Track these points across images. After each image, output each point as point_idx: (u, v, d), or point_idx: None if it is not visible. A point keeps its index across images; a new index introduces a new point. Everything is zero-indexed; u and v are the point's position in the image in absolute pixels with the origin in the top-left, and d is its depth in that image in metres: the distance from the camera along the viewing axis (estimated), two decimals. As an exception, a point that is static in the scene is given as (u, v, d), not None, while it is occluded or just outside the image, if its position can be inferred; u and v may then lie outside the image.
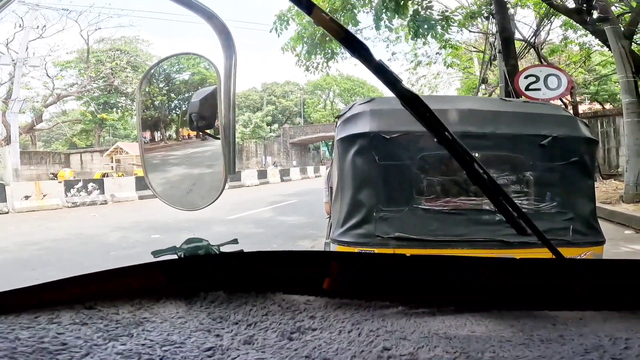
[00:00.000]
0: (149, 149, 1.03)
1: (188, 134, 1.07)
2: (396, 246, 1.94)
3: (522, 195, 2.00)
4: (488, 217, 1.97)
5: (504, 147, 2.00)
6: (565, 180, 1.99)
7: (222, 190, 0.86)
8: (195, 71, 1.17)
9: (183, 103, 1.14)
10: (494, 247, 1.92)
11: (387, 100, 2.32)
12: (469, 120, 2.00)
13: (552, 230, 1.96)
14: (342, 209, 2.05)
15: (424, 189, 2.01)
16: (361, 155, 1.99)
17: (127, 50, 29.88)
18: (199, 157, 1.10)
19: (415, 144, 1.96)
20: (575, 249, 1.94)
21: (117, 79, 28.30)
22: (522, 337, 0.43)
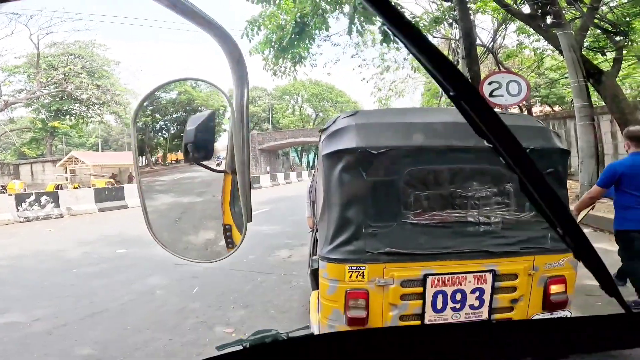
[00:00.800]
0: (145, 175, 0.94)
1: (176, 159, 0.98)
2: (387, 261, 1.96)
3: (504, 207, 2.06)
4: (472, 229, 2.03)
5: (485, 160, 2.02)
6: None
7: (243, 238, 0.78)
8: (181, 90, 1.07)
9: (171, 125, 1.04)
10: (479, 258, 1.99)
11: (371, 113, 2.31)
12: (452, 134, 2.02)
13: (532, 239, 2.04)
14: (330, 226, 2.02)
15: (412, 204, 2.02)
16: (348, 171, 1.98)
17: (82, 55, 28.43)
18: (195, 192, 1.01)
19: (402, 159, 1.98)
20: (554, 256, 2.05)
21: (70, 85, 26.79)
22: None
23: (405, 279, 1.97)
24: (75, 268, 5.78)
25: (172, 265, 5.56)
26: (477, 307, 2.03)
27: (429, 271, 1.97)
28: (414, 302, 2.00)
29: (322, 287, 2.08)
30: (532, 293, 2.07)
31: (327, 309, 2.07)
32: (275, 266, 5.41)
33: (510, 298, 2.05)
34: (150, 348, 3.05)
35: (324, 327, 2.11)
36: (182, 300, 4.15)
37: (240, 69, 0.68)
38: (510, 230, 2.05)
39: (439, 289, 1.99)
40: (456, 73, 0.40)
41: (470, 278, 1.99)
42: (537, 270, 2.05)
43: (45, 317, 3.80)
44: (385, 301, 1.99)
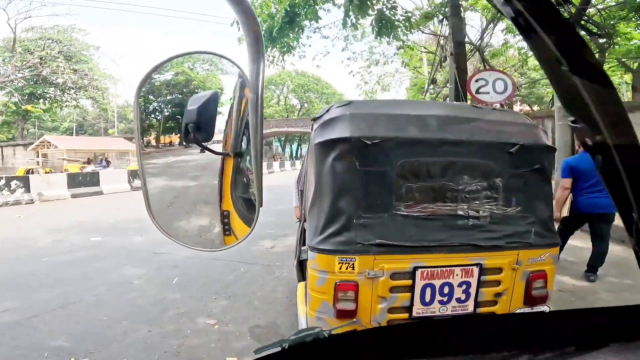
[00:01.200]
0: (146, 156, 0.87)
1: (170, 141, 0.90)
2: (377, 253, 1.94)
3: (492, 201, 2.08)
4: (462, 222, 2.04)
5: (477, 154, 2.06)
6: (528, 186, 2.11)
7: (255, 223, 0.75)
8: (178, 70, 0.99)
9: (166, 107, 0.98)
10: (468, 251, 2.01)
11: (366, 103, 2.28)
12: (446, 128, 2.05)
13: (517, 234, 2.08)
14: (321, 216, 2.00)
15: (403, 195, 2.01)
16: (341, 160, 1.96)
17: (60, 39, 27.39)
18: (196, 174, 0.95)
19: (395, 150, 1.97)
20: (536, 251, 2.09)
21: (46, 69, 25.89)
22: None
23: (395, 271, 1.97)
24: (46, 256, 5.51)
25: (150, 254, 5.40)
26: (463, 301, 2.05)
27: (419, 264, 1.97)
28: (403, 294, 2.00)
29: (311, 279, 2.05)
30: (515, 287, 2.11)
31: (315, 301, 2.04)
32: (259, 256, 5.33)
33: (495, 292, 2.08)
34: (128, 340, 2.93)
35: (312, 320, 2.08)
36: (162, 291, 4.02)
37: (257, 44, 0.64)
38: (497, 225, 2.07)
39: (428, 282, 2.00)
40: (576, 42, 0.37)
41: (458, 271, 2.01)
42: (521, 265, 2.08)
43: (15, 308, 3.60)
44: (375, 293, 1.98)
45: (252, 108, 0.66)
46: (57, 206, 11.37)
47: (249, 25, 0.62)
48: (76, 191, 13.39)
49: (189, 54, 0.85)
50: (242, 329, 3.09)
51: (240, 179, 0.81)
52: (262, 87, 0.67)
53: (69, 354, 2.74)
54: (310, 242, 2.05)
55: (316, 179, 2.06)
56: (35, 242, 6.50)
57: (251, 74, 0.66)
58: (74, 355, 2.73)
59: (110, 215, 8.68)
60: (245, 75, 0.67)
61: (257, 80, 0.66)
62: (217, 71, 1.37)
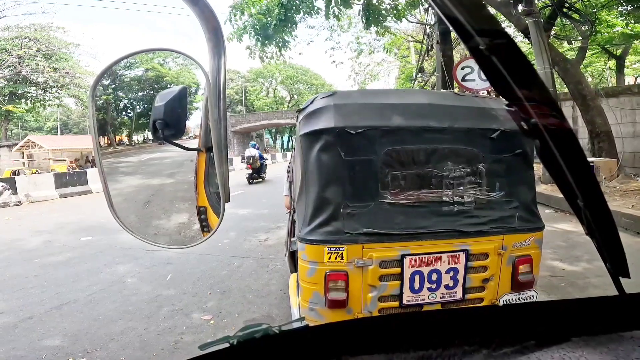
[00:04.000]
0: (104, 155, 0.84)
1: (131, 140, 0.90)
2: (365, 242, 1.95)
3: (476, 187, 2.08)
4: (447, 209, 2.05)
5: (460, 141, 2.05)
6: (511, 171, 2.11)
7: (220, 220, 0.73)
8: (148, 67, 0.98)
9: (137, 103, 0.97)
10: (453, 237, 2.01)
11: (349, 93, 2.28)
12: (429, 115, 2.05)
13: (501, 219, 2.08)
14: (309, 207, 2.00)
15: (389, 183, 2.01)
16: (326, 151, 1.96)
17: (38, 37, 26.53)
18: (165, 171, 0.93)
19: (380, 139, 1.96)
20: (521, 235, 2.09)
21: (25, 68, 25.12)
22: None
23: (383, 260, 1.98)
24: (37, 258, 5.47)
25: (142, 252, 5.39)
26: (451, 287, 2.06)
27: (406, 251, 1.98)
28: (392, 282, 2.00)
29: (302, 270, 2.05)
30: (502, 273, 2.11)
31: (307, 292, 2.05)
32: (252, 250, 5.37)
33: (482, 278, 2.09)
34: (125, 338, 2.96)
35: (305, 310, 2.09)
36: (155, 288, 4.04)
37: (217, 40, 0.63)
38: (481, 210, 2.08)
39: (416, 270, 2.00)
40: (490, 22, 0.37)
41: (445, 258, 2.01)
42: (506, 250, 2.09)
43: (9, 310, 3.60)
44: (365, 282, 1.99)
45: (213, 104, 0.65)
46: (46, 207, 11.20)
47: (208, 21, 0.61)
48: (64, 191, 13.20)
49: (146, 51, 0.83)
50: (238, 323, 3.15)
51: (213, 174, 0.77)
52: (224, 82, 0.66)
53: (67, 354, 2.77)
54: (299, 234, 2.05)
55: (303, 169, 2.06)
56: (25, 243, 6.44)
57: (212, 70, 0.65)
58: (72, 355, 2.75)
59: (100, 215, 8.60)
60: (206, 71, 0.66)
61: (218, 75, 0.65)
62: (191, 66, 1.32)
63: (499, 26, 0.38)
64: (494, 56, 0.39)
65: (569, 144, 0.43)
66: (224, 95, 0.66)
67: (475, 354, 0.49)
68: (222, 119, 0.66)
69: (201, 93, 0.81)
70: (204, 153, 0.79)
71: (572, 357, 0.47)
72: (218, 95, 0.66)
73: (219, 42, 0.63)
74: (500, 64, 0.39)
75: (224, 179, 0.69)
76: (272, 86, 48.65)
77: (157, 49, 0.88)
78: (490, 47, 0.38)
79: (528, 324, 0.54)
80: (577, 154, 0.44)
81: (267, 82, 47.95)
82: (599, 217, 0.49)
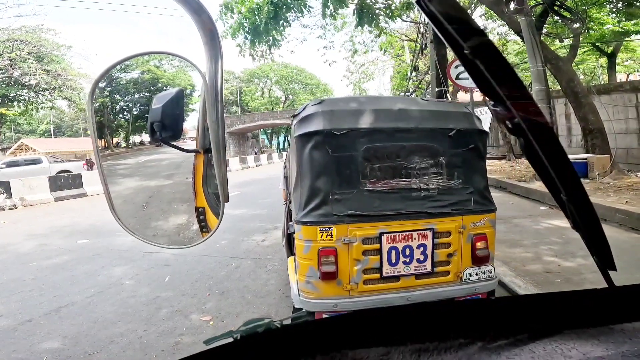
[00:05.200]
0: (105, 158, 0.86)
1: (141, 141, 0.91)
2: (350, 222, 2.34)
3: (439, 176, 2.49)
4: (416, 194, 2.45)
5: (424, 139, 2.49)
6: (466, 162, 2.53)
7: (220, 220, 0.75)
8: (144, 70, 1.00)
9: (134, 106, 0.97)
10: (422, 218, 2.41)
11: (335, 101, 2.69)
12: (399, 118, 2.49)
13: (460, 202, 2.47)
14: (303, 195, 2.38)
15: (368, 174, 2.40)
16: (317, 149, 2.35)
17: (29, 40, 26.24)
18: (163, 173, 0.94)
19: (359, 138, 2.38)
20: (476, 216, 2.51)
21: (17, 71, 24.87)
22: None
23: (365, 237, 2.35)
24: (34, 261, 5.45)
25: (140, 254, 5.39)
26: (422, 261, 2.44)
27: (384, 230, 2.36)
28: (373, 257, 2.38)
29: (299, 248, 2.42)
30: (463, 249, 2.51)
31: (304, 267, 2.40)
32: (250, 251, 5.38)
33: (447, 253, 2.47)
34: (124, 340, 2.97)
35: (302, 284, 2.45)
36: (154, 290, 4.05)
37: (214, 43, 0.64)
38: (443, 195, 2.48)
39: (392, 245, 2.39)
40: (473, 29, 0.39)
41: (415, 235, 2.41)
42: (465, 229, 2.48)
43: (8, 314, 3.60)
44: (350, 257, 2.36)
45: (211, 105, 0.66)
46: (41, 210, 11.13)
47: (204, 24, 0.61)
48: (59, 194, 13.12)
49: (142, 54, 0.83)
50: (237, 323, 3.16)
51: (212, 175, 0.78)
52: (222, 84, 0.67)
53: (67, 357, 2.78)
54: (296, 217, 2.42)
55: (297, 164, 2.45)
56: (21, 247, 6.41)
57: (209, 73, 0.65)
58: (72, 357, 2.76)
59: (96, 217, 8.57)
60: (203, 73, 0.67)
61: (215, 78, 0.66)
62: (187, 68, 1.35)
63: (482, 32, 0.41)
64: (477, 59, 0.41)
65: (548, 140, 0.45)
66: (221, 97, 0.67)
67: (471, 346, 0.50)
68: (220, 121, 0.67)
69: (197, 95, 0.81)
70: (201, 154, 0.80)
71: (564, 349, 0.47)
72: (215, 97, 0.66)
73: (215, 45, 0.64)
74: (483, 66, 0.41)
75: (223, 180, 0.70)
76: (267, 86, 48.58)
77: (155, 52, 0.86)
78: (473, 51, 0.41)
79: (521, 316, 0.56)
80: (556, 149, 0.46)
81: (262, 82, 47.86)
82: (582, 211, 0.50)
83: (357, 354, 0.51)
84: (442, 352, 0.50)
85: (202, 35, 0.63)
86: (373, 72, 22.57)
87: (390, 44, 16.78)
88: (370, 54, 19.07)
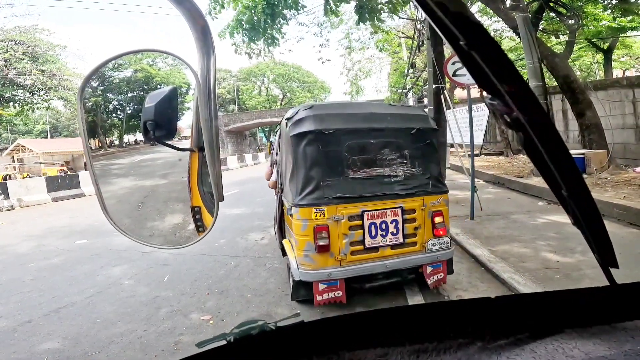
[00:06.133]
0: (95, 158, 0.84)
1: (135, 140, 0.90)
2: (338, 203, 2.92)
3: (404, 165, 3.12)
4: (387, 180, 3.07)
5: (392, 136, 3.11)
6: (424, 154, 3.19)
7: (215, 219, 0.74)
8: (137, 68, 0.99)
9: (127, 105, 0.96)
10: (393, 198, 3.03)
11: (323, 106, 3.24)
12: (373, 120, 3.13)
13: (421, 185, 3.13)
14: (299, 183, 2.95)
15: (350, 165, 3.01)
16: (310, 145, 2.94)
17: (24, 40, 26.05)
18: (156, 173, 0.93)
19: (343, 136, 2.98)
20: (433, 196, 3.16)
21: (12, 71, 24.72)
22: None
23: (350, 215, 2.94)
24: (33, 262, 5.43)
25: (139, 253, 5.38)
26: (395, 234, 3.05)
27: (365, 209, 2.97)
28: (357, 231, 2.97)
29: (297, 227, 2.97)
30: (425, 223, 3.14)
31: (302, 243, 2.94)
32: (248, 249, 5.38)
33: (414, 226, 3.11)
34: (124, 340, 2.96)
35: (301, 258, 2.96)
36: (153, 290, 4.05)
37: (206, 39, 0.63)
38: (408, 180, 3.12)
39: (372, 221, 2.99)
40: (469, 21, 0.38)
41: (389, 212, 3.02)
42: (426, 207, 3.13)
43: (7, 314, 3.59)
44: (340, 232, 2.94)
45: (204, 103, 0.66)
46: (39, 211, 11.08)
47: (195, 21, 0.60)
48: (56, 195, 13.07)
49: (134, 52, 0.81)
50: (237, 322, 3.09)
51: (207, 173, 0.77)
52: (215, 82, 0.66)
53: (68, 357, 2.77)
54: (293, 201, 2.96)
55: (293, 159, 3.00)
56: (20, 248, 6.39)
57: (201, 70, 0.65)
58: (72, 358, 2.76)
59: (94, 218, 8.54)
60: (195, 71, 0.66)
61: (208, 75, 0.65)
62: (181, 67, 1.36)
63: (478, 23, 0.40)
64: (473, 51, 0.40)
65: (549, 135, 0.44)
66: (214, 94, 0.66)
67: (470, 346, 0.49)
68: (213, 119, 0.66)
69: (192, 93, 0.80)
70: (196, 153, 0.79)
71: (566, 349, 0.47)
72: (208, 95, 0.66)
73: (207, 42, 0.63)
74: (480, 58, 0.40)
75: (217, 179, 0.69)
76: (264, 85, 48.44)
77: (145, 50, 0.84)
78: (469, 42, 0.39)
79: (521, 315, 0.55)
80: (557, 144, 0.45)
81: (259, 80, 47.72)
82: (584, 207, 0.50)
83: (354, 355, 0.50)
84: (441, 352, 0.49)
85: (194, 31, 0.62)
86: (370, 70, 22.53)
87: (387, 41, 16.74)
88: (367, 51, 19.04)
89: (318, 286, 2.96)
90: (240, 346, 0.54)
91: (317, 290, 2.97)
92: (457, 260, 4.28)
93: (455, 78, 7.08)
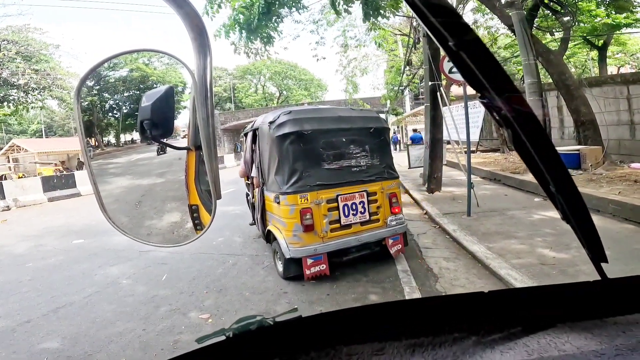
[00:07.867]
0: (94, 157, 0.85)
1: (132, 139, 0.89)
2: (318, 189, 3.62)
3: (366, 157, 3.89)
4: (355, 170, 3.83)
5: (356, 134, 3.89)
6: (380, 148, 4.02)
7: (212, 217, 0.75)
8: (133, 67, 0.98)
9: (124, 104, 0.96)
10: (359, 184, 3.82)
11: (300, 111, 3.88)
12: (340, 121, 3.89)
13: (379, 173, 3.95)
14: (285, 174, 3.63)
15: (325, 158, 3.72)
16: (292, 144, 3.63)
17: (16, 39, 25.78)
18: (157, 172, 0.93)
19: (318, 136, 3.69)
20: (389, 181, 4.00)
21: (5, 71, 24.49)
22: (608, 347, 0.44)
23: (328, 199, 3.67)
24: (30, 262, 5.42)
25: (136, 252, 5.38)
26: (363, 213, 3.84)
27: (339, 193, 3.72)
28: (334, 212, 3.71)
29: (285, 212, 3.62)
30: (384, 204, 3.96)
31: (290, 225, 3.61)
32: (246, 247, 5.38)
33: (376, 206, 3.92)
34: (124, 339, 2.97)
35: (290, 238, 3.62)
36: (151, 289, 4.05)
37: (202, 38, 0.63)
38: (369, 169, 3.90)
39: (345, 203, 3.75)
40: (459, 22, 0.40)
41: (357, 195, 3.82)
42: (384, 190, 3.96)
43: (6, 315, 3.59)
44: (320, 213, 3.64)
45: (200, 102, 0.66)
46: (35, 211, 11.02)
47: (191, 20, 0.61)
48: (52, 194, 13.00)
49: (130, 52, 0.82)
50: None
51: (204, 172, 0.77)
52: (211, 80, 0.67)
53: (67, 357, 2.77)
54: (280, 190, 3.63)
55: (278, 155, 3.66)
56: (17, 248, 6.36)
57: (198, 69, 0.65)
58: (72, 358, 2.76)
59: (91, 217, 8.51)
60: (192, 70, 0.66)
61: (204, 74, 0.65)
62: (177, 66, 1.37)
63: (466, 25, 0.41)
64: (461, 51, 0.41)
65: (535, 132, 0.45)
66: (211, 93, 0.67)
67: (465, 340, 0.50)
68: (210, 117, 0.67)
69: (188, 92, 0.80)
70: (193, 151, 0.80)
71: (558, 343, 0.48)
72: (205, 94, 0.66)
73: (203, 41, 0.63)
74: (468, 58, 0.42)
75: (215, 177, 0.70)
76: (261, 83, 48.29)
77: (142, 50, 0.85)
78: (458, 43, 0.41)
79: (514, 309, 0.56)
80: (543, 141, 0.46)
81: (256, 78, 47.56)
82: (571, 203, 0.51)
83: (351, 349, 0.51)
84: (437, 346, 0.50)
85: (190, 31, 0.62)
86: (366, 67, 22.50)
87: (384, 37, 16.73)
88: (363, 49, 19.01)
89: (306, 261, 3.61)
90: (239, 341, 0.54)
91: (305, 265, 3.62)
92: (455, 257, 4.31)
93: (451, 75, 7.10)
